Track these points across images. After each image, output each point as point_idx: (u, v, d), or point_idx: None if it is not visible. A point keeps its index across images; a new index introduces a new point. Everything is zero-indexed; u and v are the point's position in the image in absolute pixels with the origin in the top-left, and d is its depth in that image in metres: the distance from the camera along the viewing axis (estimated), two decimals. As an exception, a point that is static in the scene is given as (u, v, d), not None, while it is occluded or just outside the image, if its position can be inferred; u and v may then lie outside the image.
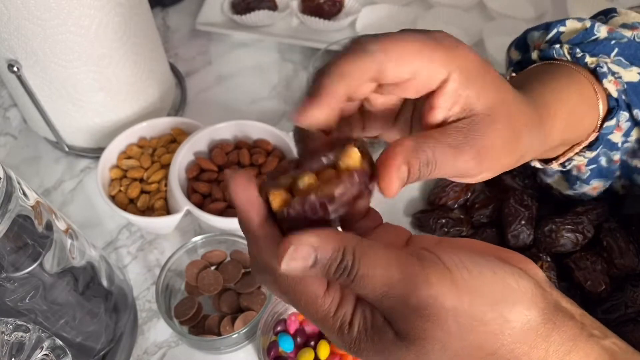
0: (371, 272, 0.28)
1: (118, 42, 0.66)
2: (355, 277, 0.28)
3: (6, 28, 0.61)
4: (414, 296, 0.28)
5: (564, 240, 0.59)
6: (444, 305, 0.28)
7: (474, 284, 0.28)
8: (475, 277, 0.28)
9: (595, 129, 0.49)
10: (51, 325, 0.48)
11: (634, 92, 0.49)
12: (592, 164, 0.54)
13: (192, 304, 0.60)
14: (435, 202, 0.67)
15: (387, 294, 0.28)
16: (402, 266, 0.28)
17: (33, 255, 0.44)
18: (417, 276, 0.28)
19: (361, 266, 0.28)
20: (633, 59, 0.50)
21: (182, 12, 0.95)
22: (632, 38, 0.51)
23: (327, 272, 0.29)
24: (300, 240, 0.28)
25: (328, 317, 0.30)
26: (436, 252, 0.29)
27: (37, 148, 0.78)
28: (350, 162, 0.29)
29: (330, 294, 0.30)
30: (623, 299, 0.56)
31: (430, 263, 0.29)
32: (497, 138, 0.34)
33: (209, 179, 0.67)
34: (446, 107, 0.33)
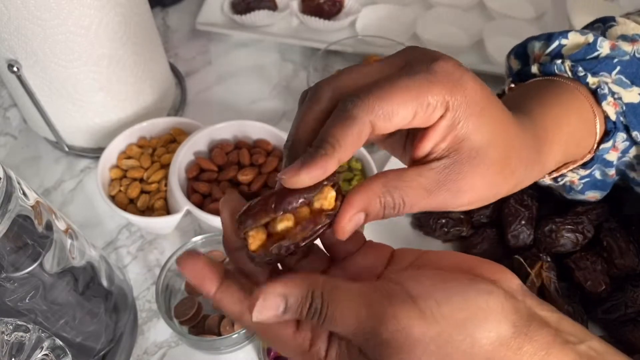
0: (339, 312, 0.29)
1: (118, 42, 0.66)
2: (326, 317, 0.29)
3: (6, 28, 0.61)
4: (383, 331, 0.28)
5: (564, 240, 0.59)
6: (412, 336, 0.28)
7: (441, 311, 0.28)
8: (443, 304, 0.29)
9: (592, 151, 0.49)
10: (51, 325, 0.48)
11: (633, 114, 0.49)
12: (586, 179, 0.54)
13: (192, 304, 0.60)
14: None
15: (358, 331, 0.29)
16: (369, 303, 0.29)
17: (33, 255, 0.44)
18: (384, 312, 0.29)
19: (329, 307, 0.29)
20: (634, 77, 0.50)
21: (182, 12, 0.96)
22: (633, 54, 0.51)
23: (300, 316, 0.30)
24: (268, 291, 0.29)
25: (304, 353, 0.31)
26: (404, 283, 0.30)
27: (37, 148, 0.78)
28: (325, 204, 0.31)
29: (301, 333, 0.31)
30: (623, 299, 0.56)
31: (397, 299, 0.29)
32: (478, 179, 0.34)
33: (208, 179, 0.67)
34: (435, 140, 0.33)
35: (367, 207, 0.31)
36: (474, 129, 0.33)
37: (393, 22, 0.91)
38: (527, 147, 0.38)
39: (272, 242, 0.31)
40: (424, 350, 0.28)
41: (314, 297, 0.30)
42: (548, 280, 0.56)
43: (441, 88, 0.32)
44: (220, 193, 0.66)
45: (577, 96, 0.48)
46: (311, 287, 0.30)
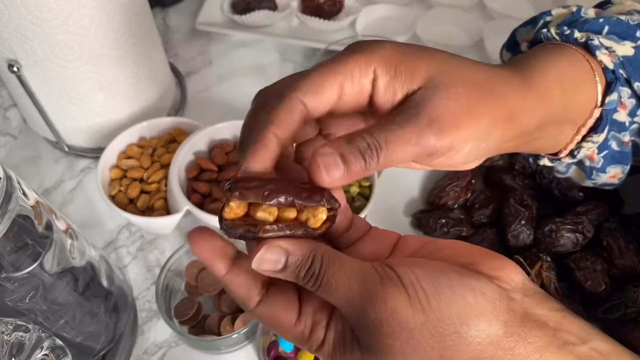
0: (335, 280, 0.30)
1: (118, 42, 0.66)
2: (322, 283, 0.30)
3: (6, 28, 0.61)
4: (371, 310, 0.29)
5: (564, 240, 0.59)
6: (399, 321, 0.28)
7: (429, 303, 0.28)
8: (432, 297, 0.29)
9: (597, 104, 0.46)
10: (51, 325, 0.48)
11: (632, 66, 0.47)
12: (603, 150, 0.50)
13: (192, 304, 0.60)
14: (435, 202, 0.67)
15: (349, 303, 0.29)
16: (363, 279, 0.30)
17: (33, 255, 0.44)
18: (375, 292, 0.29)
19: (327, 273, 0.30)
20: (625, 35, 0.48)
21: (182, 12, 0.95)
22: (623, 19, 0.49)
23: (297, 276, 0.30)
24: (272, 244, 0.30)
25: (304, 340, 0.32)
26: (398, 270, 0.30)
27: (37, 148, 0.78)
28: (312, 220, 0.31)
29: (302, 321, 0.32)
30: (623, 299, 0.56)
31: (389, 282, 0.29)
32: (449, 103, 0.33)
33: (209, 178, 0.67)
34: (389, 102, 0.34)
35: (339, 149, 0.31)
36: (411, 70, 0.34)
37: (393, 22, 0.91)
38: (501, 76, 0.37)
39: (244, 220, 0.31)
40: (409, 336, 0.28)
41: (314, 260, 0.30)
42: (548, 280, 0.56)
43: (358, 56, 0.34)
44: (220, 193, 0.66)
45: (567, 48, 0.45)
46: (313, 250, 0.30)
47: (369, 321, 0.29)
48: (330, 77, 0.33)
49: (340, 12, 0.90)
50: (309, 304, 0.32)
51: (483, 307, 0.29)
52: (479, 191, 0.67)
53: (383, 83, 0.34)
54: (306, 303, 0.32)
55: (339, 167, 0.31)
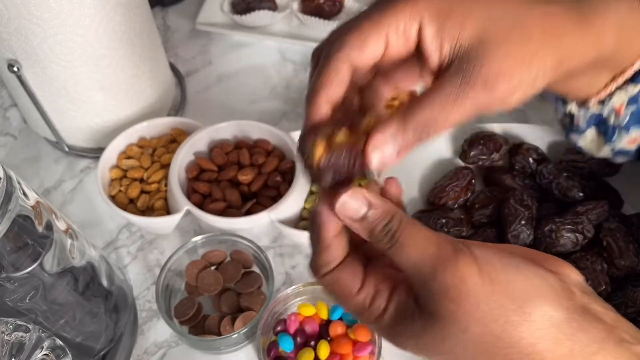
0: (411, 241, 0.31)
1: (118, 42, 0.66)
2: (396, 242, 0.31)
3: (6, 28, 0.61)
4: (442, 275, 0.29)
5: (564, 240, 0.59)
6: (468, 289, 0.29)
7: (497, 276, 0.29)
8: (500, 271, 0.30)
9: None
10: (51, 325, 0.48)
11: None
12: (632, 104, 0.48)
13: (192, 304, 0.60)
14: (435, 202, 0.67)
15: (420, 266, 0.30)
16: (438, 246, 0.30)
17: (33, 255, 0.44)
18: (448, 257, 0.30)
19: (403, 234, 0.31)
20: None
21: (182, 12, 0.95)
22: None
23: (372, 230, 0.32)
24: (357, 192, 0.32)
25: (364, 309, 0.33)
26: (470, 247, 0.31)
27: (37, 148, 0.79)
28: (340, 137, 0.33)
29: (364, 290, 0.33)
30: (623, 299, 0.56)
31: (461, 252, 0.30)
32: (503, 61, 0.33)
33: (209, 179, 0.67)
34: (435, 52, 0.34)
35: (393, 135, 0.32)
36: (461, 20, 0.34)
37: (393, 22, 0.91)
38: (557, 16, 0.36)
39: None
40: (474, 305, 0.29)
41: (393, 219, 0.31)
42: (548, 280, 0.56)
43: (404, 4, 0.34)
44: (221, 193, 0.66)
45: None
46: (394, 210, 0.32)
47: (437, 285, 0.30)
48: (374, 30, 0.34)
49: (341, 13, 0.90)
50: (372, 275, 0.33)
51: (546, 291, 0.30)
52: (479, 191, 0.67)
53: (430, 33, 0.34)
54: (370, 274, 0.34)
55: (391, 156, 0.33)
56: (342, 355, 0.55)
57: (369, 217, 0.32)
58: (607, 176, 0.68)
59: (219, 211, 0.64)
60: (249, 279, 0.61)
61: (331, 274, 0.34)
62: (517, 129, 0.74)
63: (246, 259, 0.62)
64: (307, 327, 0.57)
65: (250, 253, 0.62)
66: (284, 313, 0.60)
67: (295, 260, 0.67)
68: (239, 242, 0.62)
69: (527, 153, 0.69)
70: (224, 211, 0.64)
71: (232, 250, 0.63)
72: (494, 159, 0.69)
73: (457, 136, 0.73)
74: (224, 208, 0.65)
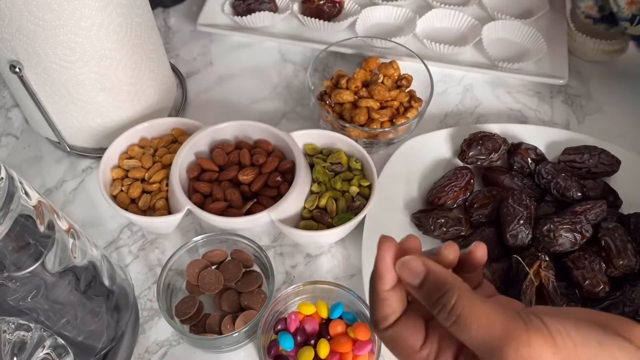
0: (473, 317, 0.29)
1: (119, 43, 0.66)
2: (458, 319, 0.29)
3: (8, 29, 0.61)
4: (512, 353, 0.28)
5: (563, 240, 0.59)
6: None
7: (578, 352, 0.28)
8: (580, 347, 0.28)
9: None
10: (53, 325, 0.49)
11: None
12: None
13: (193, 303, 0.60)
14: (434, 202, 0.67)
15: (485, 343, 0.29)
16: (506, 322, 0.29)
17: (35, 254, 0.45)
18: (518, 335, 0.28)
19: (463, 309, 0.29)
20: None
21: (183, 13, 0.96)
22: None
23: (430, 299, 0.31)
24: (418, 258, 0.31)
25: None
26: (542, 317, 0.29)
27: (39, 148, 0.79)
28: None
29: (427, 347, 0.32)
30: (621, 298, 0.57)
31: (534, 326, 0.28)
32: None
33: (209, 179, 0.68)
34: None
35: None
36: None
37: (393, 23, 0.91)
38: None
39: None
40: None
41: (450, 292, 0.30)
42: (546, 280, 0.56)
43: None
44: (221, 193, 0.66)
45: None
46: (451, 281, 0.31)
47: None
48: None
49: (340, 14, 0.91)
50: (435, 331, 0.32)
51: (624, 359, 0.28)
52: (478, 191, 0.68)
53: None
54: (433, 330, 0.33)
55: None
56: (342, 353, 0.56)
57: (426, 283, 0.31)
58: (605, 176, 0.69)
59: (219, 211, 0.64)
60: (249, 278, 0.62)
61: (392, 328, 0.33)
62: (516, 129, 0.74)
63: (247, 259, 0.63)
64: (307, 326, 0.58)
65: (250, 252, 0.63)
66: (285, 312, 0.60)
67: (296, 259, 0.67)
68: (240, 241, 0.62)
69: (526, 153, 0.70)
70: (225, 211, 0.65)
71: (233, 250, 0.63)
72: (492, 159, 0.69)
73: (456, 136, 0.73)
74: (225, 208, 0.65)
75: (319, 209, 0.66)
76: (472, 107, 0.81)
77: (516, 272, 0.58)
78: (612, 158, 0.68)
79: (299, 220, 0.66)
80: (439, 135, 0.74)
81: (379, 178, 0.68)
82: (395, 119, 0.73)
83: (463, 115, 0.80)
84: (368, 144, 0.74)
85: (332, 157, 0.69)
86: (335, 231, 0.62)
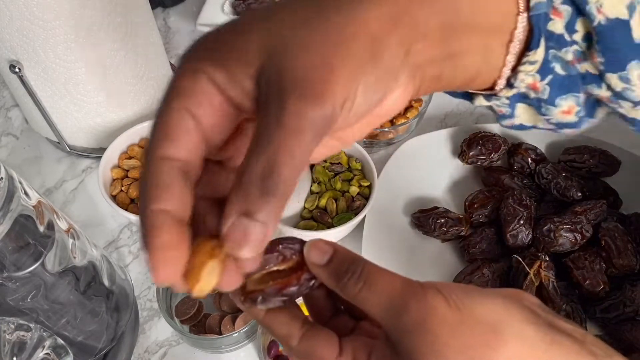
0: (378, 280, 0.31)
1: (119, 42, 0.66)
2: (365, 284, 0.31)
3: (8, 29, 0.61)
4: (414, 307, 0.29)
5: (563, 240, 0.59)
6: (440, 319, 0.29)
7: (463, 303, 0.29)
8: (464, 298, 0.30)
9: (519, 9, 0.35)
10: (52, 325, 0.49)
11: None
12: (547, 75, 0.38)
13: (192, 303, 0.60)
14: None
15: (391, 304, 0.30)
16: (405, 281, 0.30)
17: (35, 254, 0.45)
18: (415, 291, 0.30)
19: (370, 273, 0.31)
20: None
21: (183, 13, 0.96)
22: None
23: (338, 272, 0.31)
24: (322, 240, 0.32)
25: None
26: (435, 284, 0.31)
27: (39, 148, 0.79)
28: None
29: (342, 358, 0.32)
30: (621, 298, 0.57)
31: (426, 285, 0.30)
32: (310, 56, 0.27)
33: (209, 179, 0.68)
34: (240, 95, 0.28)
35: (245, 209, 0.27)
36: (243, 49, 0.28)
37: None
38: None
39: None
40: (450, 335, 0.29)
41: (357, 263, 0.31)
42: (546, 280, 0.56)
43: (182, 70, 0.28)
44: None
45: None
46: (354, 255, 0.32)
47: (411, 320, 0.29)
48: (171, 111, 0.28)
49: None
50: (348, 343, 0.33)
51: (511, 311, 0.29)
52: (478, 191, 0.67)
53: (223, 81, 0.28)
54: (346, 342, 0.33)
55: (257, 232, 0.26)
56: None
57: (334, 261, 0.32)
58: (605, 176, 0.68)
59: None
60: (249, 279, 0.62)
61: (307, 341, 0.32)
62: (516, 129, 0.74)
63: (246, 259, 0.63)
64: (307, 326, 0.58)
65: (250, 252, 0.62)
66: (284, 312, 0.60)
67: (296, 259, 0.67)
68: (240, 241, 0.62)
69: (526, 153, 0.70)
70: (225, 211, 0.65)
71: (233, 250, 0.63)
72: (493, 159, 0.69)
73: (456, 136, 0.73)
74: (225, 208, 0.65)
75: (319, 209, 0.66)
76: (472, 107, 0.80)
77: (516, 272, 0.58)
78: (612, 158, 0.68)
79: (299, 220, 0.66)
80: (439, 135, 0.74)
81: (379, 178, 0.68)
82: (395, 119, 0.73)
83: (463, 115, 0.80)
84: (368, 143, 0.74)
85: (332, 157, 0.69)
86: (335, 231, 0.62)
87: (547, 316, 0.30)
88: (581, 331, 0.31)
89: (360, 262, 0.31)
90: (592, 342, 0.30)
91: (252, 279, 0.32)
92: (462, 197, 0.68)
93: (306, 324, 0.33)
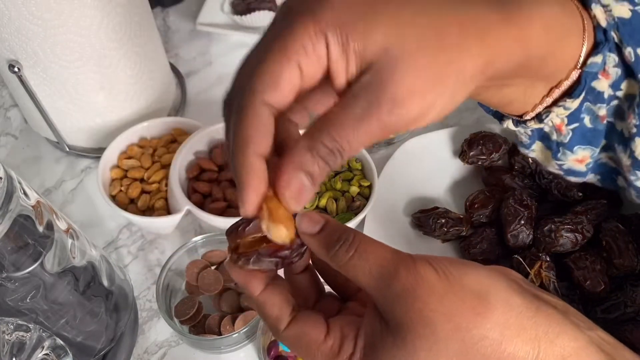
0: (369, 249, 0.31)
1: (119, 42, 0.66)
2: (355, 252, 0.31)
3: (7, 28, 0.61)
4: (404, 275, 0.30)
5: (564, 240, 0.59)
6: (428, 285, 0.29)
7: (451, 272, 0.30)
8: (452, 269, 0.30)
9: (577, 65, 0.40)
10: (52, 325, 0.49)
11: (626, 29, 0.40)
12: (574, 122, 0.43)
13: (192, 303, 0.60)
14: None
15: (381, 272, 0.30)
16: (394, 251, 0.31)
17: (34, 255, 0.44)
18: (406, 260, 0.30)
19: (361, 242, 0.31)
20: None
21: (183, 12, 0.96)
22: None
23: (329, 241, 0.32)
24: (315, 212, 0.33)
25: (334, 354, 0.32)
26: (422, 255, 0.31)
27: (38, 148, 0.79)
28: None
29: (331, 337, 0.32)
30: (622, 298, 0.57)
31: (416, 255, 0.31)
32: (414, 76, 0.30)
33: (209, 178, 0.68)
34: (342, 72, 0.31)
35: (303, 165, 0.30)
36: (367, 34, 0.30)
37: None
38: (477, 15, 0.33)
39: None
40: (438, 302, 0.29)
41: (348, 232, 0.32)
42: (547, 280, 0.56)
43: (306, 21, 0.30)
44: (221, 193, 0.66)
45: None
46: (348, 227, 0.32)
47: (401, 287, 0.30)
48: (283, 62, 0.30)
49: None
50: (336, 322, 0.33)
51: (497, 281, 0.30)
52: (478, 191, 0.67)
53: (335, 51, 0.30)
54: (333, 322, 0.33)
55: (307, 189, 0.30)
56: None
57: (326, 229, 0.32)
58: (606, 176, 0.68)
59: (219, 211, 0.64)
60: (249, 279, 0.62)
61: (295, 326, 0.33)
62: (517, 129, 0.74)
63: (246, 259, 0.63)
64: (307, 327, 0.58)
65: (250, 253, 0.62)
66: (284, 313, 0.60)
67: (295, 260, 0.67)
68: (239, 241, 0.62)
69: (527, 153, 0.69)
70: (225, 211, 0.65)
71: (233, 250, 0.63)
72: (493, 159, 0.69)
73: (456, 136, 0.73)
74: (225, 208, 0.65)
75: (319, 209, 0.66)
76: (472, 107, 0.80)
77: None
78: (612, 158, 0.68)
79: (299, 221, 0.66)
80: (440, 135, 0.74)
81: (379, 178, 0.68)
82: (395, 119, 0.73)
83: (464, 115, 0.80)
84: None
85: (332, 157, 0.69)
86: (336, 231, 0.62)
87: (531, 288, 0.31)
88: (563, 303, 0.31)
89: (351, 232, 0.32)
90: (574, 313, 0.31)
91: (245, 241, 0.33)
92: (463, 197, 0.68)
93: (295, 310, 0.34)
